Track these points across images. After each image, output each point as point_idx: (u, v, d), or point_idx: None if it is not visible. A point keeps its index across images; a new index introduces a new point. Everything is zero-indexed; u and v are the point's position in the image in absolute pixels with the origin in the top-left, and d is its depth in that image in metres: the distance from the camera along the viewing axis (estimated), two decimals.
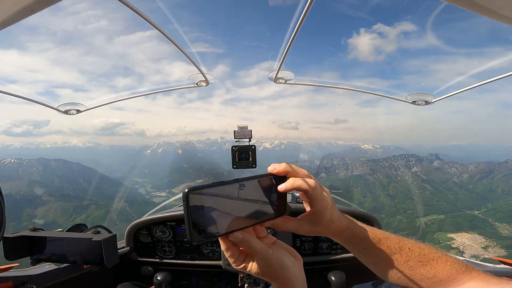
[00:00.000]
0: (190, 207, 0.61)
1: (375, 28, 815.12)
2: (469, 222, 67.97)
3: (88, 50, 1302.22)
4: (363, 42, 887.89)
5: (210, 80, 2.76)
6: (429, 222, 69.77)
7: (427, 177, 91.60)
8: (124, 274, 2.57)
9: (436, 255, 0.82)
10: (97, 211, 70.01)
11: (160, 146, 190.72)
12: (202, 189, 0.62)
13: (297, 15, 1.85)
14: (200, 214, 0.62)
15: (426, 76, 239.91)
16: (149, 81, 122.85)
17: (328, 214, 0.78)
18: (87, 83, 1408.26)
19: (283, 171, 0.74)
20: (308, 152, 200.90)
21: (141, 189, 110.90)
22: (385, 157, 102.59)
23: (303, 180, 0.73)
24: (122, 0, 1.51)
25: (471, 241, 61.64)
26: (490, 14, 0.72)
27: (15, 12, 0.71)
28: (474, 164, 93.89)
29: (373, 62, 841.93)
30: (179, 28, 2.51)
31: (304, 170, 0.77)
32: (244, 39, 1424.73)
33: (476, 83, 2.36)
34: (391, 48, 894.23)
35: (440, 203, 79.90)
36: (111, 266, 1.61)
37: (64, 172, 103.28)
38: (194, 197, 0.61)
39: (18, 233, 1.64)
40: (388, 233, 0.86)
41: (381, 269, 0.86)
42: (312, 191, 0.73)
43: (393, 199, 79.89)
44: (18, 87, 42.99)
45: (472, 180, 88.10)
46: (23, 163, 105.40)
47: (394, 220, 70.60)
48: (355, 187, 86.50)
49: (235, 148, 1.99)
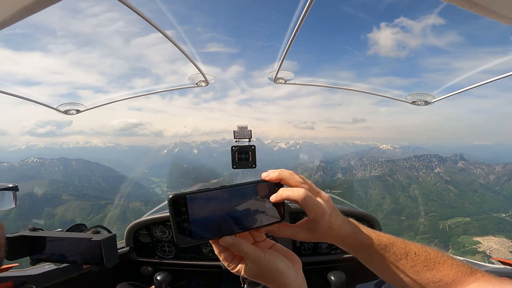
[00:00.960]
0: (174, 212, 0.65)
1: (396, 22, 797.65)
2: (496, 225, 66.28)
3: (107, 52, 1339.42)
4: (383, 37, 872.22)
5: (210, 80, 2.75)
6: (453, 225, 68.36)
7: (451, 178, 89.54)
8: (124, 274, 2.55)
9: (442, 259, 0.81)
10: (113, 211, 70.86)
11: (177, 146, 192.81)
12: (186, 195, 0.66)
13: (297, 14, 1.85)
14: (185, 218, 0.66)
15: (449, 74, 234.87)
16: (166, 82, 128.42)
17: (326, 221, 0.76)
18: (107, 84, 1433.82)
19: (276, 178, 0.74)
20: (321, 152, 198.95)
21: (157, 188, 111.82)
22: (405, 158, 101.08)
23: (292, 191, 0.72)
24: (123, 2, 1.53)
25: (499, 244, 59.95)
26: (490, 14, 0.72)
27: (15, 12, 0.72)
28: (501, 164, 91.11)
29: (391, 60, 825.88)
30: (179, 28, 2.52)
31: (299, 177, 0.75)
32: (258, 39, 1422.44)
33: (476, 83, 2.35)
34: (411, 45, 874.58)
35: (465, 205, 78.06)
36: (111, 266, 1.61)
37: (84, 171, 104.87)
38: (178, 202, 0.65)
39: (17, 233, 1.66)
40: (394, 238, 0.84)
41: (387, 275, 0.84)
42: (301, 201, 0.71)
43: (414, 201, 78.23)
44: (42, 88, 44.33)
45: (499, 182, 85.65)
46: (45, 162, 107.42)
47: (415, 223, 69.26)
48: (374, 188, 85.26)
49: (234, 148, 1.97)
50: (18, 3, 0.69)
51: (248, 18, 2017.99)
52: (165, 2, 2.26)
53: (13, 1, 0.69)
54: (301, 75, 2.88)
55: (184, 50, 2.24)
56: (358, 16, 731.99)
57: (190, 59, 2.37)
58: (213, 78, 2.74)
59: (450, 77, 3.29)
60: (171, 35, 2.05)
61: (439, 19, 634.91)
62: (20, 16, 0.74)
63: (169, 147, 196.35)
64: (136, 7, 1.65)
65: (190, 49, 2.31)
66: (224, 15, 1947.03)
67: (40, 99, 2.50)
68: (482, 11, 0.72)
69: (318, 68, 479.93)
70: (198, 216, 0.67)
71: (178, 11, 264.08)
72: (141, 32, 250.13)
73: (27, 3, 0.69)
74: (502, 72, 2.21)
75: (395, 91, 2.86)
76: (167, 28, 1.97)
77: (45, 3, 0.73)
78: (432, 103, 2.63)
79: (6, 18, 0.73)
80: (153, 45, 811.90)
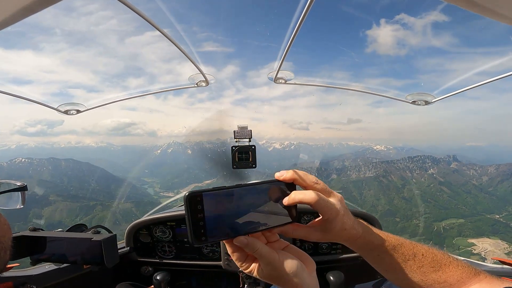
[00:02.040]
0: (191, 211, 0.63)
1: (396, 20, 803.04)
2: (491, 226, 65.97)
3: (100, 51, 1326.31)
4: (381, 37, 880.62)
5: (210, 80, 2.75)
6: (447, 227, 68.11)
7: (445, 179, 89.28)
8: (124, 274, 2.55)
9: (447, 260, 0.83)
10: (102, 212, 69.53)
11: (170, 146, 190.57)
12: (202, 193, 0.64)
13: (297, 14, 1.86)
14: (201, 217, 0.64)
15: (443, 76, 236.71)
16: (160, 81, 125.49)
17: (339, 222, 0.76)
18: (100, 83, 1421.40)
19: (289, 179, 0.74)
20: (320, 153, 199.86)
21: (150, 189, 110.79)
22: (399, 159, 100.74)
23: (304, 194, 0.72)
24: (122, 1, 1.54)
25: (494, 246, 59.88)
26: (490, 14, 0.72)
27: (15, 12, 0.72)
28: (494, 166, 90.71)
29: (387, 61, 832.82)
30: (177, 26, 2.47)
31: (312, 177, 0.76)
32: (254, 39, 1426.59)
33: (476, 82, 2.36)
34: (409, 44, 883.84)
35: (459, 207, 77.81)
36: (111, 266, 1.63)
37: (74, 172, 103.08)
38: (195, 201, 0.64)
39: (18, 233, 1.68)
40: (403, 239, 0.85)
41: (394, 275, 0.85)
42: (314, 204, 0.71)
43: (409, 202, 77.92)
44: (34, 87, 43.70)
45: (493, 183, 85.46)
46: (34, 162, 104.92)
47: (410, 224, 69.04)
48: (368, 189, 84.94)
49: (235, 148, 1.98)
50: (18, 3, 0.69)
51: (245, 18, 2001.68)
52: (163, 0, 2.21)
53: (13, 1, 0.68)
54: (298, 75, 2.85)
55: (183, 49, 2.19)
56: (355, 15, 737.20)
57: (190, 59, 2.34)
58: (213, 78, 2.73)
59: (448, 78, 2.96)
60: (168, 34, 2.03)
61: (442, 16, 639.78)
62: (20, 16, 0.73)
63: (162, 147, 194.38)
64: (134, 5, 1.63)
65: (189, 49, 2.27)
66: (221, 14, 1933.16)
67: (40, 99, 2.49)
68: (482, 11, 0.72)
69: (315, 69, 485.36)
70: (214, 214, 0.65)
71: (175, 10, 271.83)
72: (135, 30, 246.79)
73: (27, 3, 0.69)
74: (500, 73, 2.22)
75: (393, 91, 2.83)
76: (163, 27, 1.93)
77: (45, 3, 0.72)
78: (432, 103, 2.63)
79: (6, 18, 0.73)
80: (148, 44, 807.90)
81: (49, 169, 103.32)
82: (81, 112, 2.76)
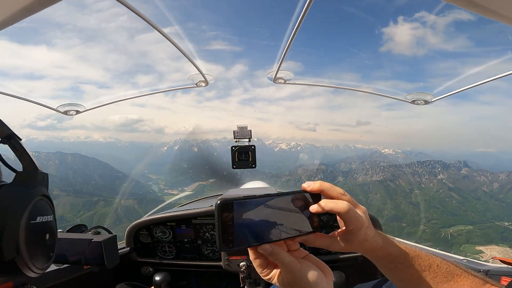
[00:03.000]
0: (221, 218, 0.65)
1: (412, 19, 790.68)
2: (500, 234, 64.54)
3: (111, 48, 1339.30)
4: (393, 38, 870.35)
5: (210, 81, 2.73)
6: (455, 233, 66.91)
7: (454, 185, 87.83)
8: (125, 274, 2.55)
9: (459, 271, 0.84)
10: (104, 208, 69.72)
11: (177, 144, 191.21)
12: (233, 201, 0.67)
13: (296, 13, 1.85)
14: (231, 225, 0.66)
15: (452, 79, 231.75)
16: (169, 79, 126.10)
17: (363, 233, 0.77)
18: (110, 80, 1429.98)
19: (317, 189, 0.76)
20: (326, 155, 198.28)
21: (155, 186, 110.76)
22: (408, 163, 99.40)
23: (335, 203, 0.74)
24: (121, 1, 1.54)
25: (502, 254, 58.48)
26: (490, 14, 0.73)
27: (15, 12, 0.71)
28: (505, 172, 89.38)
29: (397, 64, 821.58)
30: (183, 25, 2.62)
31: (339, 189, 0.77)
32: (262, 38, 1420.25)
33: (476, 82, 2.37)
34: (415, 51, 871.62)
35: (468, 213, 76.51)
36: (112, 267, 1.65)
37: (79, 167, 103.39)
38: (226, 209, 0.66)
39: None
40: (419, 251, 0.86)
41: (408, 285, 0.86)
42: (344, 213, 0.73)
43: (416, 207, 76.79)
44: (46, 82, 43.49)
45: (503, 190, 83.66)
46: (41, 156, 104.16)
47: (417, 230, 68.06)
48: (374, 193, 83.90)
49: (234, 148, 1.97)
50: (18, 3, 0.68)
51: (254, 17, 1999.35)
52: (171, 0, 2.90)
53: (13, 1, 0.68)
54: (306, 76, 2.90)
55: (184, 48, 2.17)
56: (367, 18, 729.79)
57: (189, 58, 2.31)
58: (213, 78, 2.72)
59: (449, 77, 3.35)
60: (174, 32, 2.04)
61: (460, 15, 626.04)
62: (20, 16, 0.73)
63: (169, 144, 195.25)
64: (140, 3, 1.63)
65: (191, 47, 2.26)
66: (230, 13, 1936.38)
67: (40, 99, 2.51)
68: (482, 11, 0.72)
69: (322, 69, 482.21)
70: (242, 222, 0.68)
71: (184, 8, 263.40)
72: (146, 28, 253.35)
73: (27, 3, 0.68)
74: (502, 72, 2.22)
75: (399, 93, 2.84)
76: (170, 25, 2.06)
77: (45, 3, 0.72)
78: (431, 102, 2.66)
79: (6, 18, 0.73)
80: (158, 42, 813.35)
81: (56, 163, 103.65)
82: (81, 113, 2.76)
